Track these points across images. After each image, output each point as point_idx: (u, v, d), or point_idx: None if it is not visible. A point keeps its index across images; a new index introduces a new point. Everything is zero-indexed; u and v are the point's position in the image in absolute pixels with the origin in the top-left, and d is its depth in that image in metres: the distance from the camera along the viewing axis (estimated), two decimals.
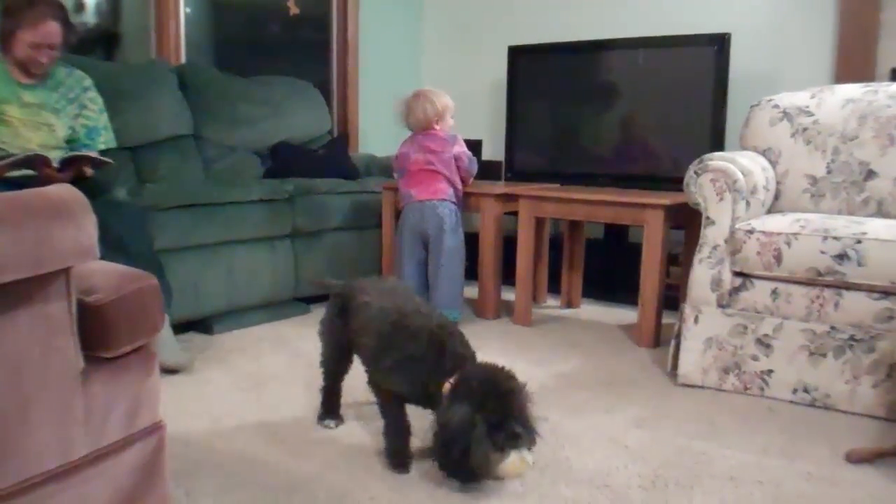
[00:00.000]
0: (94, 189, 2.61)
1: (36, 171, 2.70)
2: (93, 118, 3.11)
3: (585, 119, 4.42)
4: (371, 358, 2.14)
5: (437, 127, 3.58)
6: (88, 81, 3.13)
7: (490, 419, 1.84)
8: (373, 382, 2.15)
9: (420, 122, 3.58)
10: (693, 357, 2.81)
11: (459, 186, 3.63)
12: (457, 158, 3.59)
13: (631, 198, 3.35)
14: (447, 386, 1.93)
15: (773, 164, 3.19)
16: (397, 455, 2.08)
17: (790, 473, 2.09)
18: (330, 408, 2.40)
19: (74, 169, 2.83)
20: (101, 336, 1.35)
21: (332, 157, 4.44)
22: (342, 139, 4.82)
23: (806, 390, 2.63)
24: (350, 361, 2.34)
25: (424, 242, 3.56)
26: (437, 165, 3.53)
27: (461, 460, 1.85)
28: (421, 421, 2.11)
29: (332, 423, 2.37)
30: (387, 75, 5.31)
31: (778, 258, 2.63)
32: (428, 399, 2.00)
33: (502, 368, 1.94)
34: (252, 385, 2.76)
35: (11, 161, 2.68)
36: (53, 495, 1.29)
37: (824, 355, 2.59)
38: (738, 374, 2.74)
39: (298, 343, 3.28)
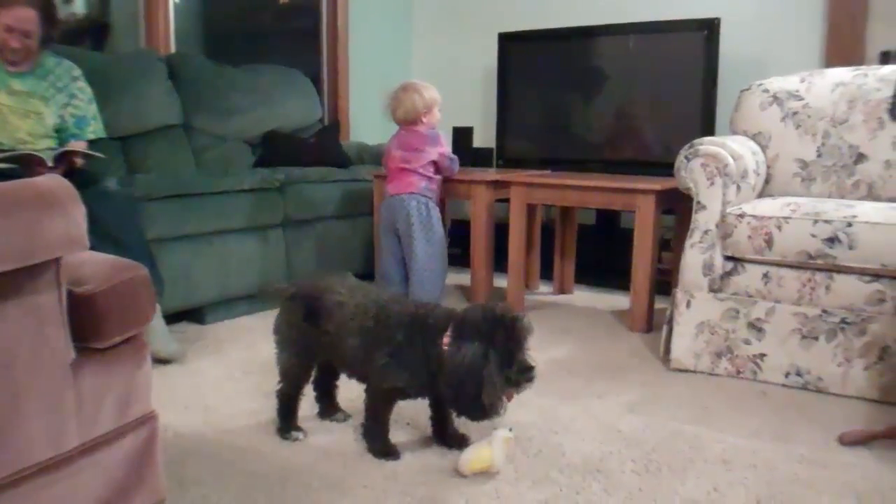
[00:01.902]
0: (84, 180, 2.60)
1: (31, 170, 2.67)
2: (82, 108, 3.10)
3: (576, 105, 4.41)
4: (359, 359, 2.06)
5: (425, 120, 3.53)
6: (77, 71, 3.12)
7: (501, 352, 1.85)
8: (371, 384, 2.07)
9: (409, 114, 3.54)
10: (685, 342, 2.82)
11: (436, 178, 3.59)
12: (437, 162, 3.57)
13: (622, 183, 3.35)
14: (446, 339, 1.91)
15: (764, 148, 3.19)
16: (384, 450, 2.07)
17: (783, 457, 2.10)
18: (292, 419, 2.23)
19: (65, 161, 2.82)
20: (91, 327, 1.35)
21: (323, 145, 4.43)
22: (333, 128, 4.80)
23: (798, 374, 2.64)
24: (313, 367, 2.22)
25: (399, 237, 3.53)
26: (412, 164, 3.49)
27: (475, 398, 1.84)
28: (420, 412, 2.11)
29: (299, 434, 2.20)
30: (377, 63, 5.29)
31: (769, 242, 2.63)
32: (432, 381, 1.96)
33: (498, 302, 1.92)
34: (244, 374, 2.75)
35: (6, 156, 2.67)
36: (46, 486, 1.28)
37: (816, 338, 2.60)
38: (731, 358, 2.75)
39: None
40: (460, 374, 1.84)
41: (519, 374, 1.88)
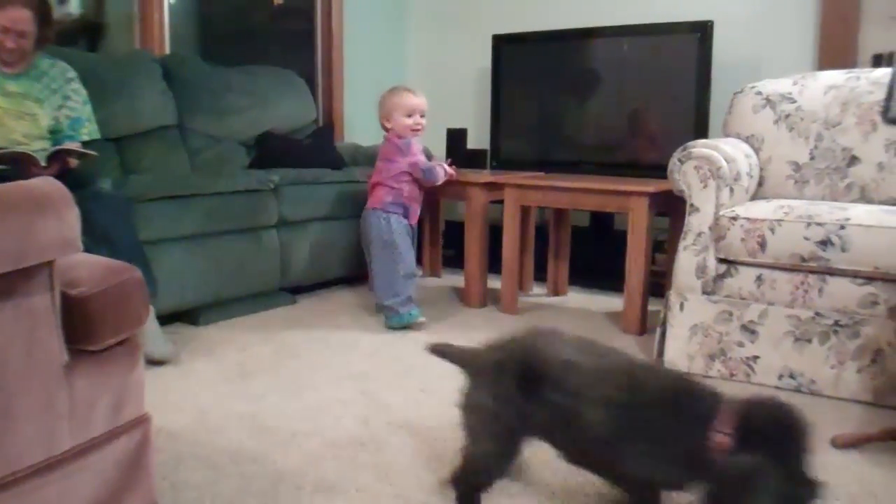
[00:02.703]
0: (77, 181, 2.60)
1: (24, 169, 2.67)
2: (76, 109, 3.09)
3: (570, 107, 4.42)
4: (600, 439, 1.58)
5: (388, 127, 3.50)
6: (72, 73, 3.12)
7: (787, 467, 1.47)
8: (623, 477, 1.68)
9: (380, 123, 3.55)
10: (679, 344, 2.83)
11: (407, 189, 3.49)
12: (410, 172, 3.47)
13: (615, 185, 3.36)
14: (721, 437, 1.47)
15: (757, 150, 3.20)
16: None
17: None
18: None
19: (59, 162, 2.82)
20: (85, 329, 1.35)
21: (318, 146, 4.43)
22: (327, 129, 4.80)
23: (791, 376, 2.64)
24: (517, 457, 1.73)
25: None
26: (382, 175, 3.47)
27: None
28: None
29: None
30: (372, 65, 5.29)
31: (762, 244, 2.64)
32: (686, 474, 1.55)
33: (781, 401, 1.54)
34: (238, 376, 2.75)
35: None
36: (38, 489, 1.28)
37: (809, 341, 2.60)
38: (724, 360, 2.76)
39: (285, 334, 3.27)
40: (734, 488, 1.46)
41: (807, 494, 1.49)
